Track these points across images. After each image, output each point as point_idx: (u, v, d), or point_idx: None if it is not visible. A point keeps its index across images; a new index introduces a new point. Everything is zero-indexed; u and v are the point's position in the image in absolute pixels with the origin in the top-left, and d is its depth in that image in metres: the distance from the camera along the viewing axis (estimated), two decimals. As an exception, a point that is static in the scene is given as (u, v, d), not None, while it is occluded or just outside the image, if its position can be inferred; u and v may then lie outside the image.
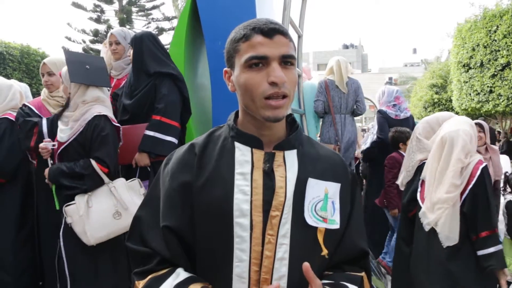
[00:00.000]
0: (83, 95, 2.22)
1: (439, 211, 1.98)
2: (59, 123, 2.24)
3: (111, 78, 2.94)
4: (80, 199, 2.11)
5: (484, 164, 2.01)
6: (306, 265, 0.84)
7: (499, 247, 1.93)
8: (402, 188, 2.52)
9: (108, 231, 2.10)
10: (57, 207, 2.15)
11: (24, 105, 2.50)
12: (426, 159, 2.28)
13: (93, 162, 2.13)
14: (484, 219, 1.95)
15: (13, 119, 2.44)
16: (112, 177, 2.21)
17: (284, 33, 0.89)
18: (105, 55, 3.04)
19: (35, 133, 2.31)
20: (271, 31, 0.87)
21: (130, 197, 2.16)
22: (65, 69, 2.28)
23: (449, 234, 1.96)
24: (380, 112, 3.95)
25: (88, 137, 2.15)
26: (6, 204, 2.42)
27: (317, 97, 3.73)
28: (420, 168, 2.33)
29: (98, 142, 2.14)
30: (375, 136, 3.99)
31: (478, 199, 1.96)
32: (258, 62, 0.86)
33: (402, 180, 2.48)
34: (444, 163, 2.06)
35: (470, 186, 1.98)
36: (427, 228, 2.05)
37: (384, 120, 3.88)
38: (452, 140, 2.07)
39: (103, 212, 2.10)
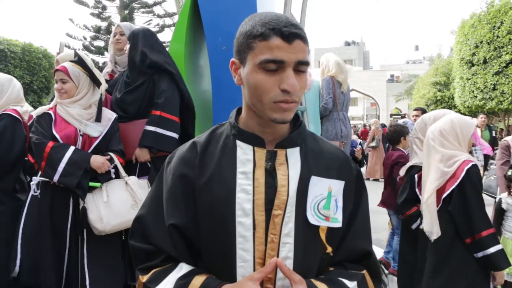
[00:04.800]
0: (94, 96, 2.36)
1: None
2: (81, 121, 2.27)
3: (114, 73, 2.94)
4: (97, 189, 2.21)
5: (470, 164, 1.94)
6: (278, 261, 0.85)
7: (499, 246, 1.88)
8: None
9: (125, 219, 2.16)
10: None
11: None
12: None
13: (113, 155, 2.29)
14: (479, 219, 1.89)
15: (16, 116, 2.32)
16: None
17: (304, 38, 0.85)
18: (110, 50, 3.04)
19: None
20: (292, 35, 0.82)
21: (143, 193, 2.25)
22: (71, 67, 2.28)
23: (432, 229, 1.95)
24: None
25: (110, 135, 2.34)
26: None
27: (327, 94, 3.68)
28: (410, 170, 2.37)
29: (118, 139, 2.37)
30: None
31: (467, 200, 1.91)
32: (274, 66, 0.83)
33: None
34: (426, 159, 2.07)
35: (453, 186, 1.92)
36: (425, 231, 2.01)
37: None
38: (428, 137, 2.07)
39: (122, 202, 2.20)
